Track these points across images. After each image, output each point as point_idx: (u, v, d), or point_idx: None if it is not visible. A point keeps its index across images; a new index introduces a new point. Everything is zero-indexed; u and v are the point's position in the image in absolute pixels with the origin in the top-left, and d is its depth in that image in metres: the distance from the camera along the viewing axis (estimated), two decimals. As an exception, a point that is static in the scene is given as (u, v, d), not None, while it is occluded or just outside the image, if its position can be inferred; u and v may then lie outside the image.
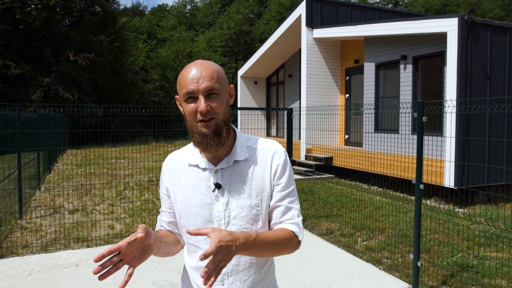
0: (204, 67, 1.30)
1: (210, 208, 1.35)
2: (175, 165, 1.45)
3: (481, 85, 7.86)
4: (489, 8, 41.94)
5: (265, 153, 1.41)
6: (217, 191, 1.35)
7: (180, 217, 1.41)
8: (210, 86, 1.27)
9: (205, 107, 1.26)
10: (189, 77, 1.28)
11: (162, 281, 4.15)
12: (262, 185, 1.38)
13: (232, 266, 1.36)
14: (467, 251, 5.03)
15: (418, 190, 3.97)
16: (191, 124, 1.31)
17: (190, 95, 1.28)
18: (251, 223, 1.36)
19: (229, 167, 1.37)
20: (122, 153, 15.54)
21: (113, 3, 27.78)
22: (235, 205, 1.35)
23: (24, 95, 21.46)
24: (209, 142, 1.29)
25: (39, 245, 5.24)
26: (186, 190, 1.39)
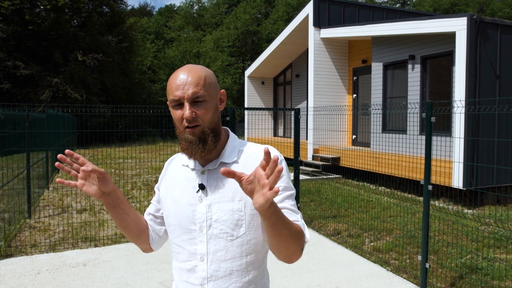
0: (191, 73, 1.27)
1: (193, 209, 1.33)
2: (173, 164, 1.48)
3: (490, 85, 7.78)
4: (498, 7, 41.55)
5: (257, 157, 1.35)
6: (201, 192, 1.33)
7: (168, 215, 1.40)
8: (195, 93, 1.25)
9: (189, 114, 1.24)
10: (176, 83, 1.26)
11: (169, 281, 4.15)
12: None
13: (212, 271, 1.31)
14: (476, 252, 4.98)
15: (427, 191, 3.94)
16: (178, 130, 1.31)
17: (176, 102, 1.27)
18: (232, 228, 1.30)
19: (215, 169, 1.34)
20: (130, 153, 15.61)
21: (121, 4, 27.95)
22: (217, 208, 1.31)
23: (33, 95, 21.65)
24: (194, 148, 1.27)
25: (47, 245, 5.28)
26: (176, 189, 1.39)
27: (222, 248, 1.31)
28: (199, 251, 1.33)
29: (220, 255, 1.32)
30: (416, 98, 9.29)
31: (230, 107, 5.15)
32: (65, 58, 22.88)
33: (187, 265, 1.35)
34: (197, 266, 1.33)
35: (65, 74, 22.33)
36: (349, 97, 12.54)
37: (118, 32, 25.81)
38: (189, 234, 1.34)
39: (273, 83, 17.85)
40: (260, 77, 17.61)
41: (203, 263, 1.32)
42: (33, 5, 21.96)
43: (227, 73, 37.41)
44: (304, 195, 8.23)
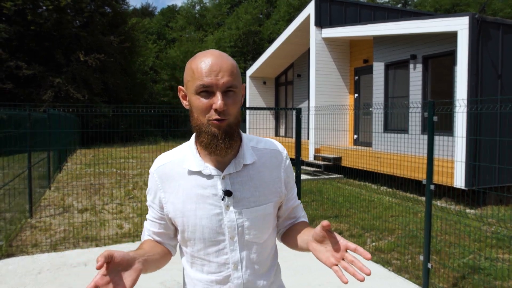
0: (224, 59, 1.15)
1: (219, 219, 1.22)
2: (169, 171, 1.27)
3: (492, 84, 7.76)
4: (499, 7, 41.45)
5: (273, 155, 1.31)
6: (227, 199, 1.21)
7: (184, 230, 1.25)
8: (229, 82, 1.13)
9: (222, 105, 1.11)
10: (207, 68, 1.12)
11: (170, 281, 4.15)
12: (273, 190, 1.29)
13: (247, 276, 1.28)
14: (478, 252, 4.96)
15: (429, 190, 3.92)
16: (199, 121, 1.16)
17: (206, 88, 1.12)
18: (265, 232, 1.28)
19: (237, 172, 1.23)
20: (131, 152, 15.62)
21: (122, 4, 27.99)
22: (249, 214, 1.23)
23: (35, 95, 21.69)
24: (219, 144, 1.14)
25: (48, 244, 5.28)
26: (188, 201, 1.23)
27: (254, 251, 1.28)
28: (232, 260, 1.25)
29: (252, 258, 1.28)
30: (418, 98, 9.27)
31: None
32: (67, 58, 22.92)
33: (217, 276, 1.26)
34: (231, 276, 1.26)
35: (67, 74, 22.37)
36: (350, 96, 12.52)
37: (120, 32, 25.84)
38: (216, 245, 1.25)
39: (274, 83, 17.84)
40: (262, 77, 17.60)
41: (238, 271, 1.26)
42: (35, 6, 22.00)
43: (229, 73, 37.38)
44: (305, 195, 8.22)
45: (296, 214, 1.42)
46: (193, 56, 1.20)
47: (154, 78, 34.95)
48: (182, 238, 1.29)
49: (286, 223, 1.42)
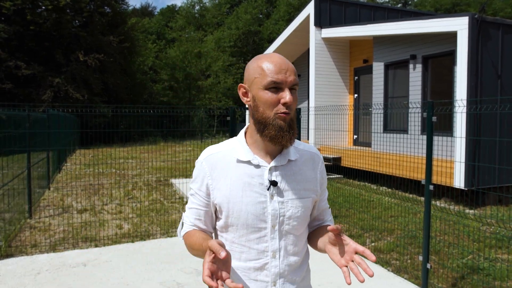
0: (288, 61, 1.30)
1: (263, 207, 1.31)
2: (218, 160, 1.36)
3: (492, 84, 7.75)
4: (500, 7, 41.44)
5: (311, 157, 1.44)
6: (273, 189, 1.32)
7: (227, 215, 1.33)
8: (295, 80, 1.28)
9: (290, 99, 1.24)
10: (277, 67, 1.26)
11: (169, 282, 4.14)
12: (311, 187, 1.40)
13: (284, 266, 1.35)
14: (477, 253, 4.96)
15: (428, 191, 3.92)
16: (265, 115, 1.27)
17: (276, 84, 1.25)
18: (302, 224, 1.38)
19: (283, 166, 1.35)
20: (131, 153, 15.62)
21: (122, 4, 27.99)
22: (291, 204, 1.34)
23: (35, 95, 21.69)
24: (285, 135, 1.26)
25: (47, 245, 5.27)
26: (235, 188, 1.32)
27: (291, 243, 1.36)
28: (271, 248, 1.33)
29: (289, 249, 1.36)
30: (417, 98, 9.27)
31: (231, 107, 5.14)
32: (66, 58, 22.92)
33: (256, 263, 1.34)
34: (269, 263, 1.33)
35: (66, 74, 22.37)
36: (350, 97, 12.51)
37: (119, 32, 25.84)
38: (257, 232, 1.33)
39: (274, 83, 17.83)
40: (261, 77, 17.59)
41: (275, 260, 1.34)
42: (35, 6, 22.00)
43: (229, 73, 37.41)
44: (305, 195, 8.20)
45: (324, 216, 1.54)
46: (256, 58, 1.33)
47: (154, 78, 34.95)
48: (224, 224, 1.36)
49: (314, 223, 1.53)
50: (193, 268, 4.50)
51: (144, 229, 6.07)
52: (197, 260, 4.75)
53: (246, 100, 1.35)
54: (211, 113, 30.97)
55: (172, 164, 13.10)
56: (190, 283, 4.11)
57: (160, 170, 12.24)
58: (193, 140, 23.92)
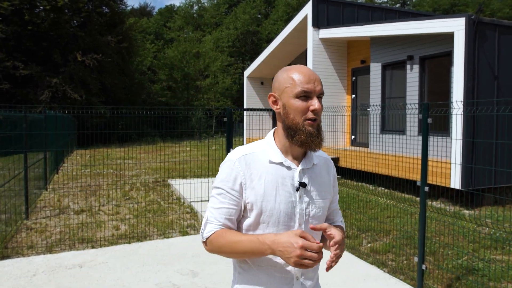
0: (314, 72, 1.42)
1: (293, 206, 1.42)
2: (252, 161, 1.43)
3: (488, 85, 7.77)
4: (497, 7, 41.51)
5: (326, 162, 1.57)
6: (301, 190, 1.43)
7: (259, 213, 1.40)
8: (322, 90, 1.40)
9: (319, 106, 1.36)
10: (307, 77, 1.38)
11: (165, 283, 4.15)
12: (328, 189, 1.53)
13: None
14: (473, 253, 4.98)
15: (423, 192, 3.93)
16: (296, 121, 1.38)
17: (306, 93, 1.37)
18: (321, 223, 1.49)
19: (309, 169, 1.47)
20: (129, 153, 15.61)
21: (120, 4, 27.97)
22: (315, 205, 1.46)
23: (32, 95, 21.66)
24: (314, 140, 1.38)
25: (44, 246, 5.27)
26: (269, 187, 1.41)
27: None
28: None
29: None
30: (414, 99, 9.28)
31: (227, 108, 5.14)
32: (64, 58, 22.89)
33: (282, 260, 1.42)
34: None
35: (64, 74, 22.34)
36: (348, 97, 12.53)
37: (117, 32, 25.82)
38: (286, 230, 1.42)
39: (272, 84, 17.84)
40: (259, 78, 17.60)
41: None
42: (33, 6, 21.97)
43: (227, 73, 37.41)
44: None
45: (334, 217, 1.65)
46: (286, 69, 1.45)
47: (152, 78, 34.93)
48: (254, 222, 1.43)
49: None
50: (189, 269, 4.51)
51: (141, 230, 6.07)
52: (194, 261, 4.76)
53: (276, 107, 1.45)
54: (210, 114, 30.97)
55: (170, 164, 13.10)
56: (186, 284, 4.12)
57: (157, 171, 12.23)
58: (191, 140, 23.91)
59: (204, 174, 10.58)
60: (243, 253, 1.38)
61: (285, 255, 1.28)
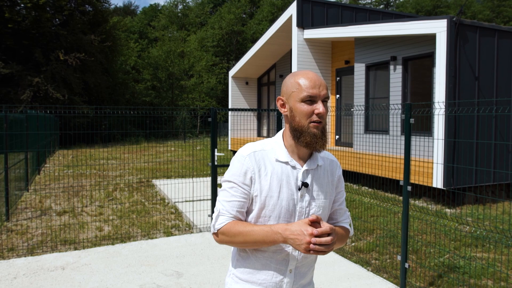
0: (320, 77, 1.49)
1: (294, 204, 1.50)
2: (261, 157, 1.53)
3: (469, 86, 7.91)
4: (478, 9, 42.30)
5: (331, 163, 1.64)
6: (303, 189, 1.51)
7: (262, 207, 1.50)
8: (327, 94, 1.48)
9: (323, 110, 1.45)
10: (312, 82, 1.46)
11: (149, 284, 4.12)
12: (330, 190, 1.61)
13: (301, 258, 1.55)
14: (454, 251, 5.06)
15: (406, 191, 3.98)
16: (301, 124, 1.46)
17: (311, 98, 1.45)
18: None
19: (313, 170, 1.55)
20: (113, 153, 15.44)
21: (104, 3, 27.62)
22: (315, 204, 1.54)
23: (13, 95, 21.25)
24: (318, 141, 1.46)
25: (25, 248, 5.18)
26: (274, 183, 1.50)
27: None
28: None
29: None
30: (398, 99, 9.39)
31: (212, 108, 5.13)
32: (46, 57, 22.50)
33: (279, 254, 1.53)
34: (290, 253, 1.53)
35: (46, 73, 21.96)
36: (332, 97, 12.61)
37: (101, 31, 25.50)
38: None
39: (257, 83, 17.85)
40: (244, 77, 17.59)
41: (295, 252, 1.53)
42: (13, 3, 21.55)
43: (212, 73, 37.30)
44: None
45: (337, 216, 1.69)
46: (293, 74, 1.53)
47: (136, 77, 34.58)
48: (256, 215, 1.52)
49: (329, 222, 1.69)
50: (174, 270, 4.48)
51: (125, 231, 6.01)
52: (178, 262, 4.73)
53: (283, 110, 1.54)
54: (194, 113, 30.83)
55: (154, 164, 13.00)
56: (170, 285, 4.09)
57: (142, 171, 12.13)
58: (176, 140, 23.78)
59: (189, 174, 10.53)
60: (254, 242, 1.47)
61: (296, 243, 1.36)
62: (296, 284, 1.57)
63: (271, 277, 1.54)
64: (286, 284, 1.55)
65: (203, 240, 5.57)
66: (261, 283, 1.55)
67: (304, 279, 1.60)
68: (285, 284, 1.55)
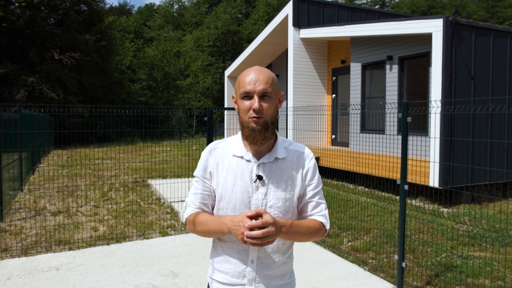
0: (262, 72, 1.53)
1: (249, 196, 1.56)
2: (219, 153, 1.63)
3: (465, 85, 7.92)
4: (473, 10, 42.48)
5: (299, 156, 1.64)
6: (258, 182, 1.56)
7: (220, 200, 1.60)
8: (264, 89, 1.51)
9: (258, 106, 1.49)
10: (248, 79, 1.52)
11: (145, 285, 4.08)
12: (295, 182, 1.61)
13: (263, 248, 1.58)
14: (451, 251, 5.05)
15: (403, 190, 3.96)
16: (243, 119, 1.54)
17: (246, 94, 1.51)
18: (284, 214, 1.58)
19: (270, 163, 1.58)
20: (108, 153, 15.37)
21: (99, 2, 27.48)
22: (273, 196, 1.57)
23: (7, 94, 21.10)
24: (256, 136, 1.51)
25: (19, 248, 5.12)
26: (229, 177, 1.58)
27: None
28: None
29: None
30: (394, 98, 9.40)
31: (208, 107, 5.10)
32: (41, 56, 22.36)
33: (239, 244, 1.58)
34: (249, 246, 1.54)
35: (41, 73, 21.82)
36: (328, 97, 12.61)
37: (96, 30, 25.37)
38: None
39: (253, 83, 17.81)
40: (240, 77, 17.54)
41: None
42: (8, 2, 21.40)
43: (208, 72, 37.24)
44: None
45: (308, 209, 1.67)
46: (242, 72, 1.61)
47: (132, 77, 34.45)
48: (217, 207, 1.63)
49: (302, 215, 1.70)
50: (170, 270, 4.45)
51: (120, 231, 5.97)
52: (174, 262, 4.70)
53: (236, 107, 1.61)
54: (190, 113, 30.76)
55: (149, 164, 12.95)
56: (166, 285, 4.06)
57: (137, 171, 12.07)
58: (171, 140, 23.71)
59: (185, 174, 10.49)
60: (209, 231, 1.58)
61: (236, 233, 1.44)
62: (260, 274, 1.59)
63: (234, 267, 1.60)
64: (249, 273, 1.59)
65: (199, 240, 5.53)
66: (227, 272, 1.62)
67: (269, 270, 1.60)
68: (248, 273, 1.59)
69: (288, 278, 1.68)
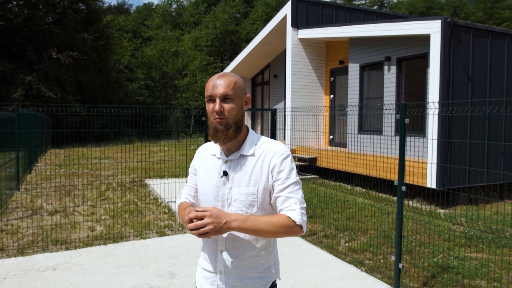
0: (224, 77, 1.67)
1: (217, 190, 1.71)
2: (204, 152, 1.85)
3: (463, 87, 7.94)
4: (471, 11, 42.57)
5: (267, 152, 1.71)
6: (224, 178, 1.71)
7: (200, 193, 1.80)
8: (225, 91, 1.64)
9: (218, 108, 1.63)
10: (211, 84, 1.66)
11: (142, 285, 4.07)
12: (259, 177, 1.69)
13: (230, 240, 1.69)
14: (448, 252, 5.06)
15: (400, 192, 3.97)
16: (209, 121, 1.68)
17: (210, 98, 1.65)
18: (247, 207, 1.68)
19: (236, 159, 1.71)
20: (105, 153, 15.34)
21: (97, 1, 27.40)
22: (236, 190, 1.69)
23: (5, 93, 21.01)
24: (218, 135, 1.64)
25: (15, 248, 5.11)
26: (205, 173, 1.78)
27: None
28: None
29: None
30: (391, 99, 9.41)
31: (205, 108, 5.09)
32: (38, 55, 22.27)
33: None
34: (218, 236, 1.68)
35: (38, 72, 21.73)
36: (326, 97, 12.61)
37: (94, 29, 25.29)
38: None
39: (251, 83, 17.82)
40: (239, 77, 17.53)
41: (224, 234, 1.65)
42: (5, 0, 21.32)
43: (206, 72, 37.18)
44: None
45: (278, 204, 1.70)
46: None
47: (130, 76, 34.36)
48: (199, 199, 1.82)
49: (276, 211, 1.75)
50: (167, 270, 4.44)
51: (117, 231, 5.96)
52: (171, 262, 4.69)
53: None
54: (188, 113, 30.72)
55: (147, 164, 12.92)
56: (163, 286, 4.05)
57: (134, 171, 12.05)
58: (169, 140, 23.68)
59: (182, 174, 10.47)
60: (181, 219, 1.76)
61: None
62: (230, 264, 1.70)
63: (208, 255, 1.78)
64: (219, 263, 1.72)
65: (197, 240, 5.53)
66: (206, 259, 1.80)
67: (237, 261, 1.70)
68: (219, 263, 1.73)
69: (261, 272, 1.75)
